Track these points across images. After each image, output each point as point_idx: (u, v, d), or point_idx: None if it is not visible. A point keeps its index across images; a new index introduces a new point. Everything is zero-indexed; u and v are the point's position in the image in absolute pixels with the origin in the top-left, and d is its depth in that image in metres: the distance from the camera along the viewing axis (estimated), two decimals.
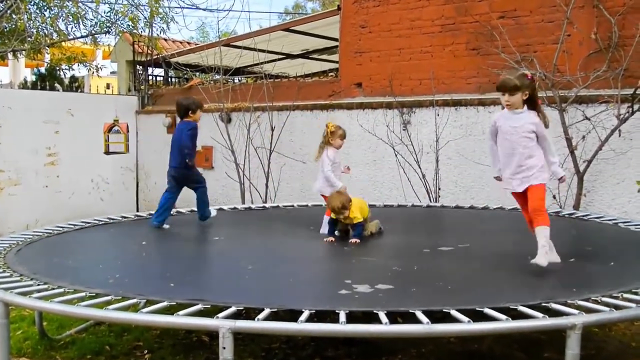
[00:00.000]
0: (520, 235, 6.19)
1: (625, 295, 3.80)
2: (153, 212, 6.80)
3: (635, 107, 7.46)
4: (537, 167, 4.71)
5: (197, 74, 13.69)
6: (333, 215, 6.03)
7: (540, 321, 3.41)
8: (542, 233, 4.60)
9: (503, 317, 3.41)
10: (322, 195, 6.58)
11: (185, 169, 6.67)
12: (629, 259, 5.06)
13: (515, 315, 3.50)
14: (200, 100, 7.14)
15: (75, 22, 12.18)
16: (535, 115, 4.74)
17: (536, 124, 4.72)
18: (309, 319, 3.43)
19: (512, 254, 5.27)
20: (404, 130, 9.37)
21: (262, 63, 11.69)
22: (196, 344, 5.35)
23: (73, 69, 13.94)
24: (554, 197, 8.11)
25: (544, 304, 3.62)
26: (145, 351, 5.25)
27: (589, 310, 3.54)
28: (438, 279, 4.44)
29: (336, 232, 6.13)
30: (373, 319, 3.47)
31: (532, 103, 4.76)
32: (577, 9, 8.05)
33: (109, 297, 3.86)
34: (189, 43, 16.08)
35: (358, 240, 5.87)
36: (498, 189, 8.55)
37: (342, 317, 3.42)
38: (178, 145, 6.66)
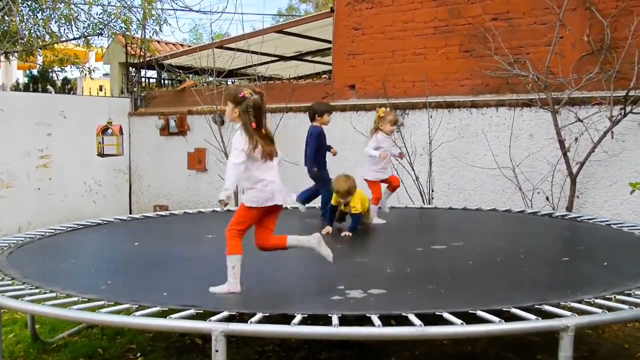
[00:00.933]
0: (512, 236, 6.24)
1: (618, 297, 3.81)
2: (146, 214, 6.78)
3: (628, 109, 7.48)
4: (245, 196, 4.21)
5: (190, 76, 13.67)
6: (334, 202, 6.10)
7: (533, 323, 3.42)
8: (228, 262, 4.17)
9: (496, 319, 3.41)
10: (366, 180, 6.83)
11: (313, 171, 6.97)
12: (621, 260, 5.08)
13: (508, 317, 3.50)
14: (328, 104, 7.40)
15: (67, 24, 12.14)
16: (238, 134, 4.16)
17: (233, 142, 4.16)
18: (302, 322, 3.43)
19: (504, 254, 5.29)
20: (397, 132, 9.36)
21: (255, 65, 11.68)
22: (190, 346, 5.34)
23: (65, 71, 13.89)
24: (547, 198, 8.14)
25: (536, 306, 3.62)
26: (139, 354, 5.24)
27: (581, 312, 3.55)
28: (431, 282, 4.43)
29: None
30: (367, 322, 3.47)
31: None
32: (569, 11, 8.07)
33: (101, 302, 3.84)
34: (182, 45, 16.06)
35: (350, 234, 5.93)
36: (492, 190, 8.60)
37: (335, 320, 3.42)
38: (305, 150, 7.00)
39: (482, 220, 7.25)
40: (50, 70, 14.09)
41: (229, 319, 3.50)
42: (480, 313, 3.52)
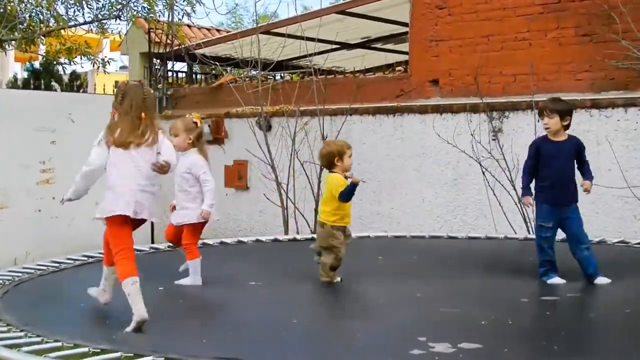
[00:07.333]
0: None
1: None
2: (171, 243, 6.86)
3: None
4: None
5: (229, 69, 13.81)
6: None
7: None
8: None
9: None
10: None
11: None
12: None
13: None
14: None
15: (77, 4, 12.40)
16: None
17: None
18: None
19: (636, 305, 5.17)
20: (493, 140, 9.28)
21: (310, 55, 11.74)
22: None
23: (74, 63, 14.15)
24: None
25: None
26: None
27: None
28: (540, 337, 4.38)
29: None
30: None
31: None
32: None
33: (117, 354, 3.89)
34: (218, 30, 16.26)
35: None
36: (619, 217, 8.41)
37: None
38: None
39: (607, 256, 7.08)
40: (55, 62, 14.39)
41: None
42: None
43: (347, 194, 5.93)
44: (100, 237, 5.34)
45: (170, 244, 6.72)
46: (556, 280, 5.98)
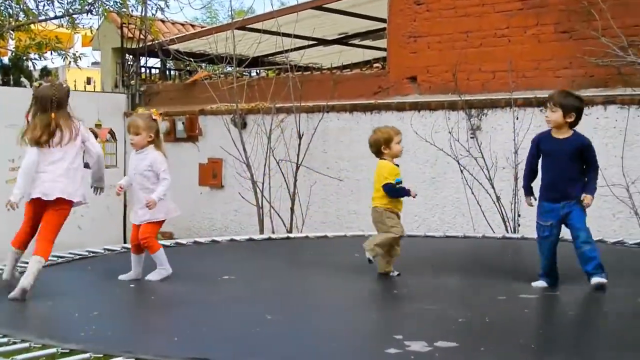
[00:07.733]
0: (627, 278, 6.12)
1: None
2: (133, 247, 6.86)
3: None
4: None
5: (204, 65, 13.76)
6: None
7: None
8: None
9: None
10: None
11: None
12: None
13: None
14: None
15: None
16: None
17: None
18: None
19: (616, 303, 5.20)
20: (472, 138, 9.30)
21: (287, 51, 11.73)
22: None
23: (45, 59, 14.09)
24: None
25: None
26: None
27: None
28: (517, 335, 4.40)
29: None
30: None
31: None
32: None
33: (86, 355, 3.86)
34: (192, 26, 16.22)
35: None
36: (598, 215, 8.45)
37: None
38: None
39: None
40: (25, 57, 14.29)
41: None
42: None
43: (394, 192, 6.03)
44: (70, 238, 5.45)
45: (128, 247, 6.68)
46: (539, 283, 5.79)
